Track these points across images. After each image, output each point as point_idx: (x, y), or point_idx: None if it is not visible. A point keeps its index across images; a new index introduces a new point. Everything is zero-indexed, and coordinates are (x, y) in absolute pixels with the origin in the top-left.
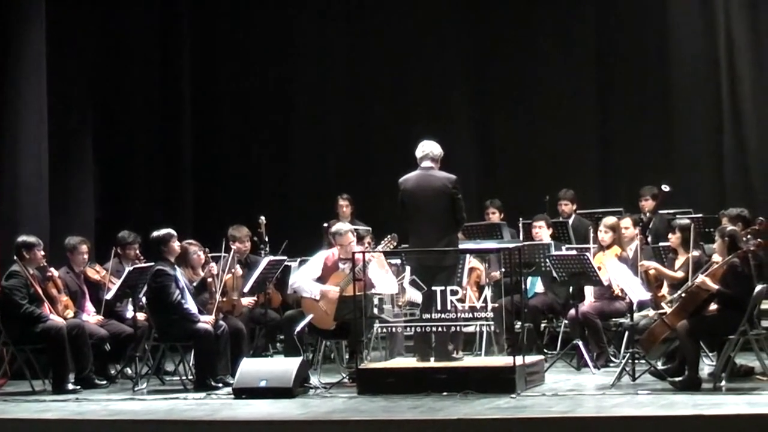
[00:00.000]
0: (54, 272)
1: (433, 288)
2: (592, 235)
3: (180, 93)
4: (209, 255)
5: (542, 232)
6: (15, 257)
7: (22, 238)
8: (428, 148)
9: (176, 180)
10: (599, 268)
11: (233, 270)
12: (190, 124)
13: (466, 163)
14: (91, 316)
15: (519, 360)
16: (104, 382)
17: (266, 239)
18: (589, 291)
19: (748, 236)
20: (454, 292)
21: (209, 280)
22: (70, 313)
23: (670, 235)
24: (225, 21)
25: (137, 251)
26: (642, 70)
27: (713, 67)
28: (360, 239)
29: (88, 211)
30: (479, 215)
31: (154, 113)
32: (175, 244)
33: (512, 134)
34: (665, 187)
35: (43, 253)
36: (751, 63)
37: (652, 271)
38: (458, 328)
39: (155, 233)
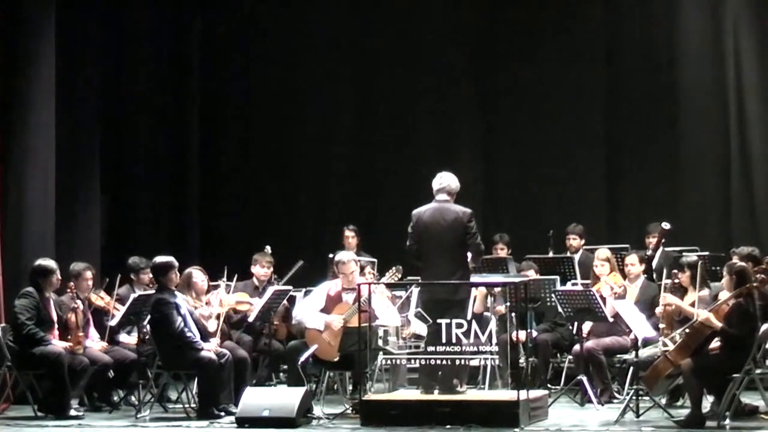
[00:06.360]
0: (80, 305)
1: (439, 321)
2: None
3: (188, 123)
4: (211, 283)
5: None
6: (30, 281)
7: (38, 263)
8: (446, 181)
9: (183, 209)
10: (601, 295)
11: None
12: (197, 153)
13: (472, 198)
14: (95, 342)
15: (523, 395)
16: (108, 408)
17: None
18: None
19: (757, 275)
20: (459, 326)
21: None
22: (80, 350)
23: (679, 273)
24: (233, 53)
25: (150, 276)
26: (651, 107)
27: (722, 106)
28: (360, 270)
29: (94, 238)
30: (486, 249)
31: (161, 142)
32: (174, 275)
33: (519, 169)
34: (666, 225)
35: (59, 277)
36: (760, 103)
37: (672, 307)
38: (464, 361)
39: (157, 259)
